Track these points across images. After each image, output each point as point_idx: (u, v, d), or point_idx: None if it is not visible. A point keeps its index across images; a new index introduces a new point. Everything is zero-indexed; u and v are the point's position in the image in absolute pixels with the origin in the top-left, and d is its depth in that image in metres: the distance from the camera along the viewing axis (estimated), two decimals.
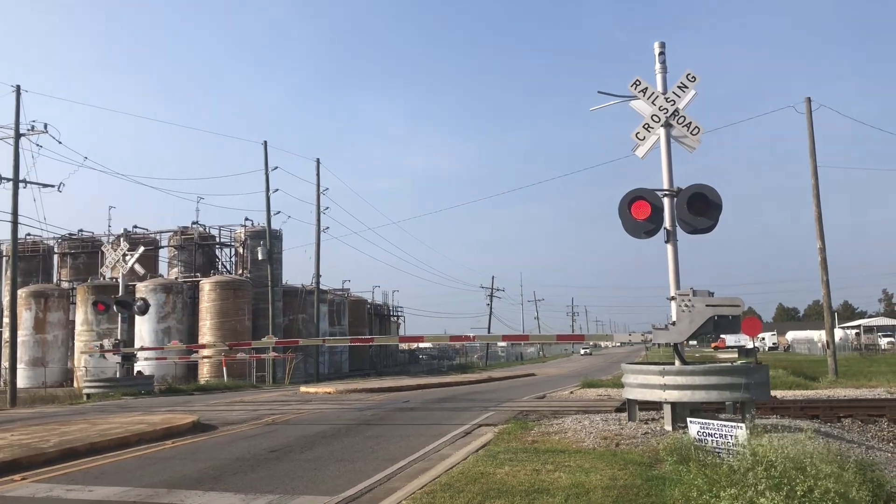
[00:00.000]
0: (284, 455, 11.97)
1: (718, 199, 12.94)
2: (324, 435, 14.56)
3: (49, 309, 49.35)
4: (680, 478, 7.55)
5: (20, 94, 33.99)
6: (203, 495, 8.86)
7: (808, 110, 32.16)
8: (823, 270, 31.34)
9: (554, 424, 13.98)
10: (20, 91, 33.98)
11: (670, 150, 13.62)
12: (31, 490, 9.50)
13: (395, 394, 28.30)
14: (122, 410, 22.27)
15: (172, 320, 46.48)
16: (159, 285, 47.00)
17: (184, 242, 51.84)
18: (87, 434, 14.28)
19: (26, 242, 51.35)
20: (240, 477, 10.07)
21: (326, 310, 57.11)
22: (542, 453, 10.55)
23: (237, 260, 52.67)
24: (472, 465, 9.89)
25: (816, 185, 31.77)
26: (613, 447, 11.07)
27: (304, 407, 21.98)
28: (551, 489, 8.03)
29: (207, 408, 22.53)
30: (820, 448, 7.91)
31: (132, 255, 33.29)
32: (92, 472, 10.76)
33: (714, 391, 12.16)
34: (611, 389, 24.89)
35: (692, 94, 13.59)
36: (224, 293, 46.86)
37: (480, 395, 25.31)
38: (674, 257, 13.32)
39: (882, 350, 76.76)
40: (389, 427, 15.85)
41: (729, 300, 12.76)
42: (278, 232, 51.35)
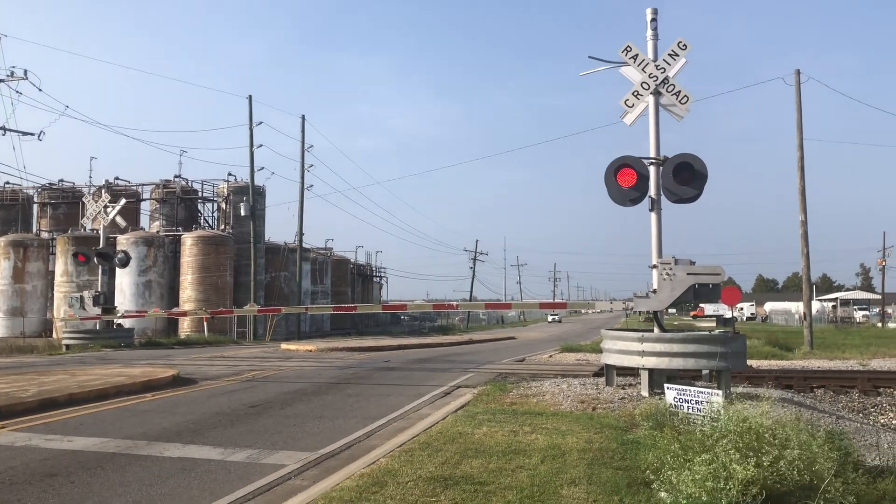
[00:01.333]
0: (264, 410, 12.05)
1: (704, 170, 12.97)
2: (304, 392, 14.64)
3: (28, 259, 48.89)
4: (654, 443, 7.67)
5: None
6: (182, 448, 8.91)
7: (797, 82, 32.14)
8: (804, 243, 31.62)
9: (532, 387, 14.13)
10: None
11: (658, 119, 13.58)
12: (10, 439, 9.51)
13: (376, 353, 28.46)
14: (102, 362, 22.25)
15: (153, 274, 46.22)
16: (140, 238, 46.62)
17: (166, 196, 51.29)
18: (67, 385, 14.28)
19: (5, 191, 50.77)
20: (219, 431, 10.13)
21: (309, 268, 56.99)
22: (519, 415, 10.68)
23: (220, 215, 52.25)
24: (450, 424, 10.00)
25: (802, 158, 31.88)
26: (590, 411, 11.23)
27: (285, 364, 22.06)
28: (528, 450, 8.14)
29: (188, 362, 22.55)
30: (791, 417, 8.07)
31: (114, 207, 32.96)
32: (71, 423, 10.79)
33: (691, 359, 12.32)
34: (589, 354, 25.15)
35: (682, 63, 13.52)
36: (206, 248, 46.56)
37: (460, 357, 25.50)
38: (657, 226, 13.37)
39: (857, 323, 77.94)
40: (369, 386, 15.96)
41: (710, 269, 12.87)
42: (262, 188, 50.95)
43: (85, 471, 7.74)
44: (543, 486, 6.63)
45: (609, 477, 6.93)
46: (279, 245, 53.99)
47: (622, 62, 13.80)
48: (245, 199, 47.99)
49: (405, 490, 6.52)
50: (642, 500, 6.14)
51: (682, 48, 13.48)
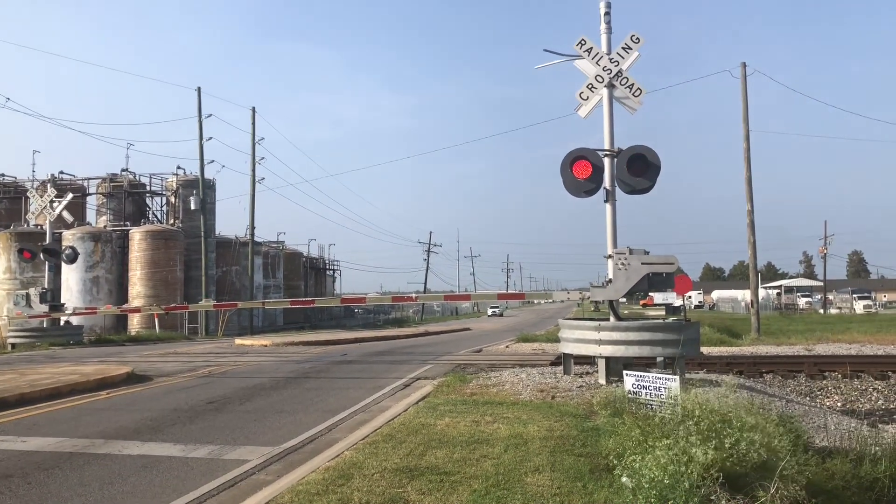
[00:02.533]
0: (223, 406, 11.93)
1: (657, 161, 13.22)
2: (263, 387, 14.54)
3: None
4: (615, 429, 7.84)
5: None
6: (142, 446, 8.79)
7: (743, 75, 32.87)
8: (751, 232, 32.43)
9: (492, 377, 14.25)
10: None
11: (612, 111, 13.79)
12: None
13: (333, 347, 28.33)
14: (52, 361, 21.72)
15: (101, 269, 45.19)
16: (87, 234, 45.50)
17: (113, 190, 50.10)
18: (17, 384, 13.92)
19: None
20: (178, 428, 10.02)
21: (261, 262, 56.32)
22: (480, 405, 10.78)
23: (169, 209, 51.29)
24: (412, 416, 10.05)
25: (748, 148, 32.65)
26: (550, 399, 11.39)
27: (241, 359, 21.84)
28: (491, 440, 8.24)
29: (141, 359, 22.16)
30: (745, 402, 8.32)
31: (59, 202, 32.10)
32: (24, 423, 10.54)
33: (647, 346, 12.58)
34: (545, 344, 25.45)
35: (636, 56, 13.74)
36: (155, 243, 45.67)
37: (418, 349, 25.56)
38: (612, 217, 13.59)
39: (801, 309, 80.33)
40: (329, 380, 15.91)
41: (664, 258, 13.14)
42: (212, 181, 50.11)
43: (42, 471, 7.59)
44: (508, 474, 6.72)
45: (572, 464, 7.06)
46: (230, 239, 53.24)
47: (577, 55, 13.96)
48: (195, 193, 47.16)
49: (371, 482, 6.55)
50: (605, 485, 6.28)
51: (635, 42, 13.70)
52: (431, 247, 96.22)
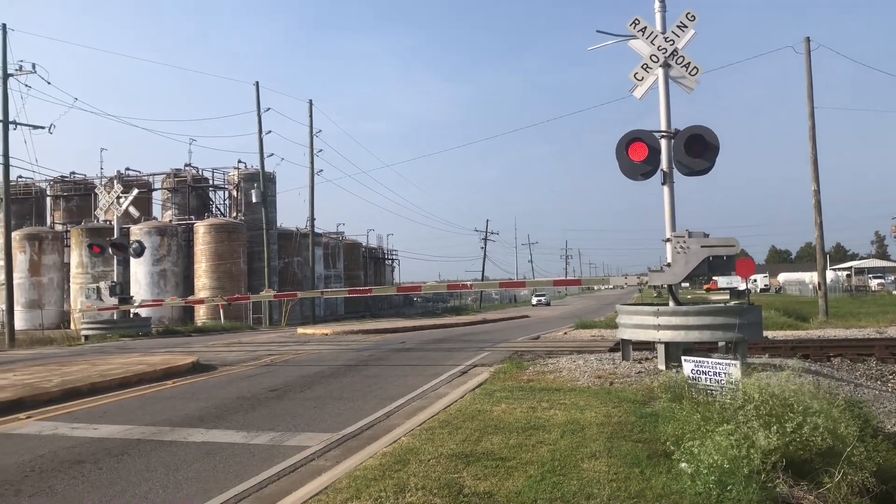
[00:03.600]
0: (284, 394, 12.17)
1: (716, 141, 12.90)
2: (323, 375, 14.77)
3: (43, 251, 49.31)
4: (673, 415, 7.71)
5: (6, 33, 33.32)
6: (206, 433, 9.04)
7: (807, 50, 31.80)
8: (817, 212, 31.44)
9: (549, 364, 14.19)
10: (6, 30, 33.30)
11: (668, 91, 13.50)
12: (37, 428, 9.67)
13: (392, 335, 28.60)
14: (121, 352, 22.48)
15: (168, 263, 46.52)
16: (154, 228, 46.88)
17: (177, 185, 51.49)
18: (88, 374, 14.46)
19: (18, 185, 50.91)
20: (241, 415, 10.25)
21: (321, 253, 57.19)
22: (537, 392, 10.74)
23: (231, 203, 52.44)
24: (469, 403, 10.07)
25: (813, 126, 31.61)
26: (607, 386, 11.28)
27: (302, 348, 22.22)
28: (547, 426, 8.21)
29: (206, 349, 22.76)
30: (809, 386, 8.08)
31: (126, 198, 33.11)
32: (95, 412, 10.94)
33: (707, 331, 12.33)
34: (604, 330, 25.19)
35: (691, 34, 13.41)
36: (219, 236, 46.79)
37: (475, 337, 25.60)
38: (670, 199, 13.34)
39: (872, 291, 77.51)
40: (387, 367, 16.07)
41: (724, 241, 12.84)
42: (272, 174, 51.01)
43: (111, 457, 7.87)
44: (564, 459, 6.69)
45: (629, 449, 6.99)
46: (291, 230, 54.17)
47: (631, 35, 13.70)
48: (256, 186, 48.07)
49: (428, 467, 6.59)
50: (663, 471, 6.19)
51: (690, 19, 13.37)
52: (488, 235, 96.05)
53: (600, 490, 5.75)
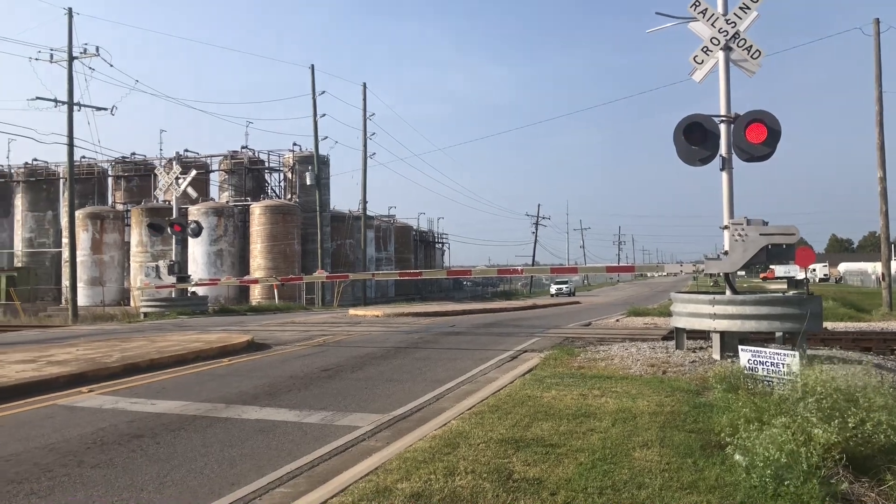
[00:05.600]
0: (336, 374, 12.32)
1: (778, 126, 12.53)
2: (374, 356, 14.90)
3: (105, 230, 50.75)
4: (728, 405, 7.56)
5: (72, 17, 34.19)
6: (260, 410, 9.21)
7: (876, 32, 30.63)
8: (883, 200, 30.39)
9: (600, 351, 14.06)
10: (72, 14, 34.16)
11: (729, 75, 13.14)
12: (99, 402, 9.98)
13: (441, 318, 28.69)
14: (178, 329, 23.04)
15: (224, 243, 47.45)
16: (211, 209, 47.81)
17: (234, 167, 52.38)
18: (147, 351, 14.85)
19: (82, 165, 52.41)
20: (294, 394, 10.42)
21: (373, 236, 57.65)
22: (588, 379, 10.65)
23: (286, 185, 53.18)
24: (518, 388, 10.05)
25: (881, 111, 30.50)
26: (660, 374, 11.12)
27: (354, 329, 22.46)
28: (598, 413, 8.13)
29: (260, 328, 23.17)
30: (873, 380, 7.83)
31: (184, 179, 33.80)
32: (153, 387, 11.24)
33: (765, 321, 12.04)
34: (657, 318, 24.84)
35: (754, 16, 13.01)
36: (274, 217, 47.51)
37: (525, 322, 25.51)
38: (729, 185, 13.03)
39: None
40: (436, 350, 16.13)
41: (783, 228, 12.50)
42: (326, 157, 51.50)
43: (169, 432, 8.07)
44: (615, 448, 6.62)
45: (682, 440, 6.88)
46: (344, 213, 54.70)
47: (691, 17, 13.37)
48: (310, 169, 48.61)
49: (477, 451, 6.60)
50: (717, 462, 6.08)
51: (753, 1, 12.98)
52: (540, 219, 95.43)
53: (652, 480, 5.68)
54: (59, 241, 52.77)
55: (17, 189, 55.70)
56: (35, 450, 7.36)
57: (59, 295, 51.03)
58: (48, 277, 53.33)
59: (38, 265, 53.49)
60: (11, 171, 56.52)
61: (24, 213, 55.13)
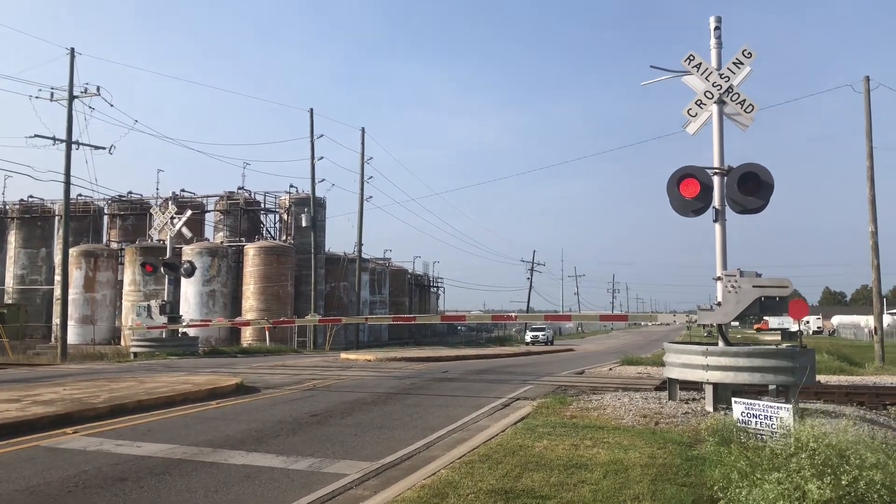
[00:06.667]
0: (325, 420, 12.18)
1: (770, 179, 12.66)
2: (364, 401, 14.76)
3: (98, 268, 50.57)
4: (721, 459, 7.49)
5: (74, 57, 34.58)
6: (246, 455, 9.07)
7: (867, 89, 31.15)
8: (875, 254, 30.56)
9: (593, 400, 13.96)
10: (74, 54, 34.57)
11: (722, 128, 13.33)
12: (83, 444, 9.82)
13: (434, 364, 28.52)
14: (168, 370, 22.83)
15: (217, 283, 47.31)
16: (205, 249, 47.78)
17: (229, 207, 52.53)
18: (135, 392, 14.68)
19: (78, 203, 52.48)
20: (282, 439, 10.28)
21: (368, 278, 57.60)
22: (580, 429, 10.55)
23: (281, 226, 53.27)
24: (510, 437, 9.94)
25: (871, 167, 30.85)
26: (653, 425, 11.03)
27: (345, 373, 22.28)
28: (590, 465, 8.03)
29: (250, 370, 22.97)
30: (865, 436, 7.78)
31: (179, 219, 33.85)
32: (140, 429, 11.08)
33: (758, 373, 11.99)
34: (650, 367, 24.72)
35: (747, 71, 13.25)
36: (268, 258, 47.49)
37: (518, 369, 25.37)
38: (722, 237, 13.10)
39: None
40: (428, 397, 15.99)
41: (777, 281, 12.53)
42: (322, 200, 51.72)
43: (153, 476, 7.93)
44: (606, 501, 6.53)
45: (674, 493, 6.79)
46: (339, 255, 54.71)
47: (685, 71, 13.59)
48: (306, 211, 48.78)
49: (466, 502, 6.50)
50: None
51: (746, 56, 13.21)
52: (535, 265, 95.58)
53: None
54: (52, 278, 52.56)
55: (11, 225, 55.63)
56: (14, 492, 7.22)
57: (49, 332, 50.61)
58: (39, 315, 52.94)
59: (30, 302, 53.15)
60: (6, 207, 56.52)
61: (17, 249, 54.97)
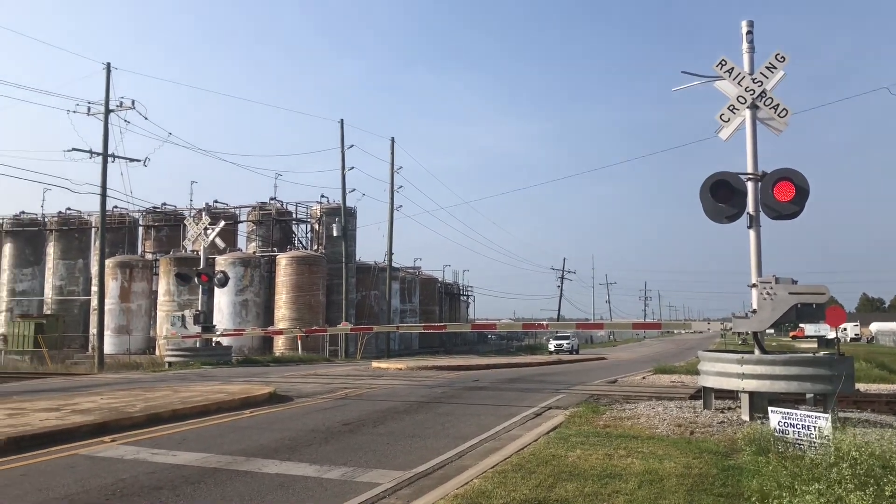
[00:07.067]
0: (357, 428, 12.21)
1: (805, 185, 12.46)
2: (396, 410, 14.77)
3: (134, 279, 51.33)
4: (758, 469, 7.37)
5: (110, 72, 35.24)
6: (279, 464, 9.12)
7: None
8: None
9: (626, 409, 13.82)
10: (110, 68, 35.22)
11: (756, 133, 13.16)
12: (120, 452, 9.96)
13: (465, 372, 28.46)
14: (202, 379, 23.06)
15: (250, 293, 47.75)
16: (238, 259, 48.28)
17: (262, 218, 53.05)
18: (170, 401, 14.86)
19: (113, 215, 53.38)
20: (314, 448, 10.32)
21: (398, 287, 57.71)
22: (614, 438, 10.45)
23: (312, 236, 53.67)
24: (543, 446, 9.88)
25: None
26: (688, 435, 10.88)
27: (376, 382, 22.32)
28: (624, 475, 7.95)
29: (283, 379, 23.12)
30: None
31: (213, 229, 34.26)
32: (175, 438, 11.21)
33: (795, 382, 11.78)
34: (684, 376, 24.41)
35: (780, 75, 13.07)
36: (300, 268, 47.84)
37: (550, 378, 25.21)
38: (756, 243, 12.92)
39: None
40: (460, 405, 15.96)
41: (813, 288, 12.32)
42: (353, 209, 52.02)
43: (189, 485, 8.01)
44: None
45: None
46: (369, 265, 54.95)
47: (717, 76, 13.45)
48: (337, 220, 49.10)
49: None
50: None
51: (779, 60, 13.05)
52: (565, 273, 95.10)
53: None
54: (89, 288, 53.46)
55: (50, 237, 56.73)
56: (55, 500, 7.34)
57: (86, 342, 51.44)
58: (76, 325, 53.86)
59: (67, 312, 54.10)
60: (45, 219, 57.65)
61: (56, 261, 56.02)
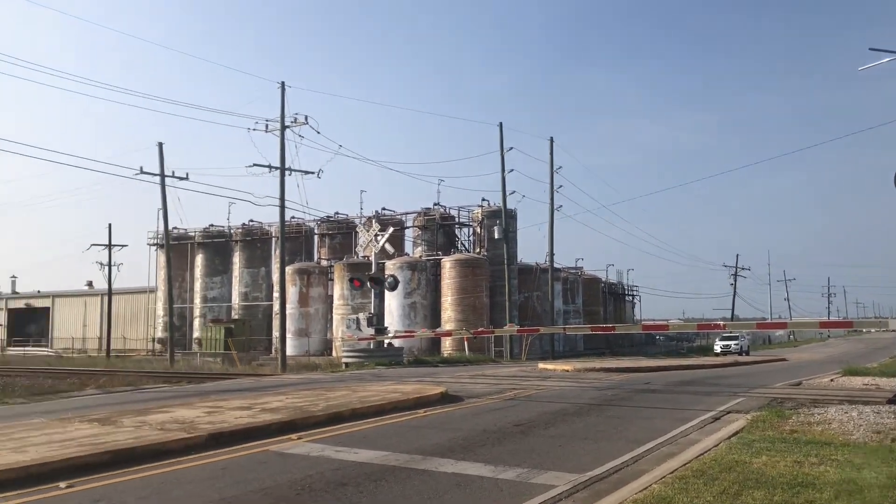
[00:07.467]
0: (529, 430, 12.24)
1: None
2: (566, 412, 14.67)
3: (311, 285, 54.34)
4: None
5: (284, 90, 37.54)
6: (455, 464, 9.32)
7: None
8: None
9: (815, 414, 12.94)
10: (285, 87, 37.52)
11: None
12: (306, 449, 10.57)
13: (634, 374, 27.78)
14: (377, 379, 24.01)
15: (417, 296, 49.18)
16: (405, 263, 49.87)
17: (426, 223, 54.51)
18: (349, 400, 15.59)
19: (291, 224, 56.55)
20: (487, 449, 10.46)
21: (560, 288, 57.26)
22: (802, 444, 9.82)
23: (475, 239, 54.44)
24: (724, 452, 9.45)
25: None
26: (888, 442, 10.01)
27: (544, 383, 22.27)
28: (817, 484, 7.44)
29: (452, 379, 23.61)
30: None
31: (382, 236, 35.64)
32: (355, 436, 11.74)
33: None
34: (879, 378, 22.46)
35: None
36: (463, 270, 48.69)
37: (726, 380, 24.06)
38: None
39: None
40: (631, 408, 15.60)
41: None
42: (513, 211, 52.22)
43: (371, 482, 8.37)
44: None
45: None
46: (531, 266, 54.95)
47: None
48: (498, 223, 49.50)
49: None
50: None
51: None
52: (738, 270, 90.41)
53: None
54: (271, 294, 57.16)
55: (236, 248, 61.22)
56: (251, 493, 7.89)
57: (269, 345, 55.05)
58: (260, 329, 57.75)
59: (252, 317, 58.14)
60: (231, 231, 62.28)
61: (241, 269, 60.35)
